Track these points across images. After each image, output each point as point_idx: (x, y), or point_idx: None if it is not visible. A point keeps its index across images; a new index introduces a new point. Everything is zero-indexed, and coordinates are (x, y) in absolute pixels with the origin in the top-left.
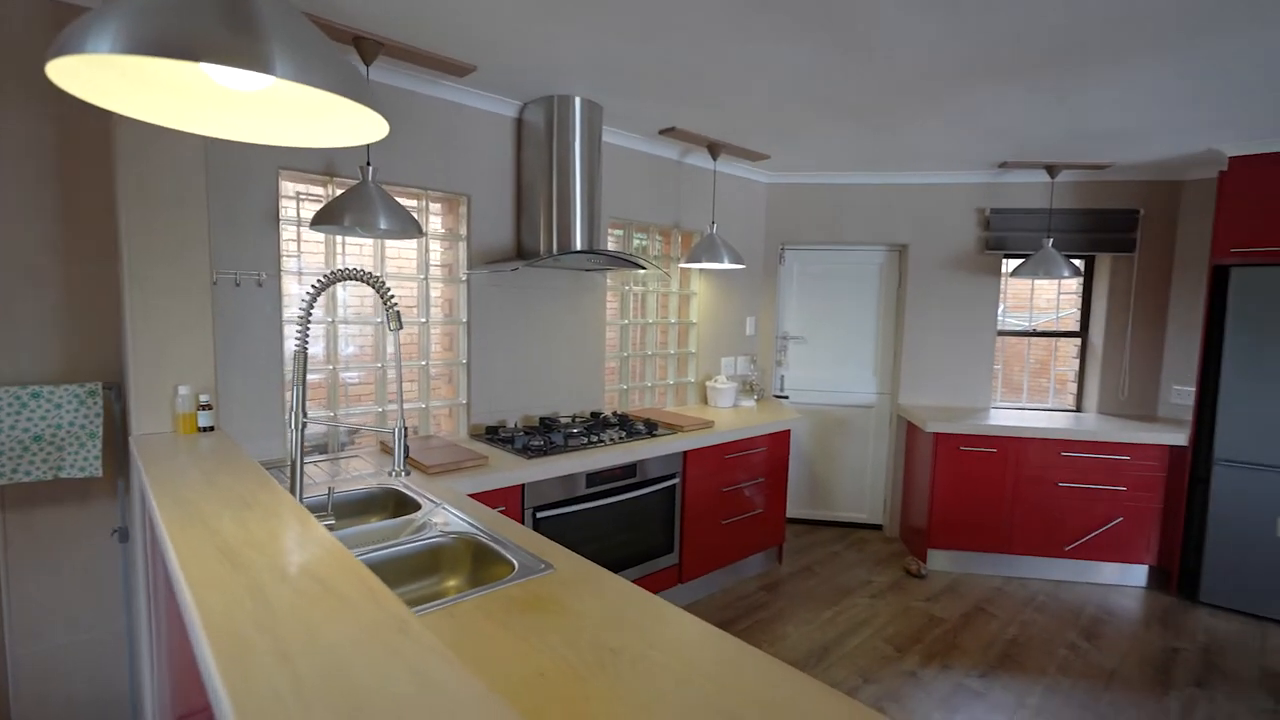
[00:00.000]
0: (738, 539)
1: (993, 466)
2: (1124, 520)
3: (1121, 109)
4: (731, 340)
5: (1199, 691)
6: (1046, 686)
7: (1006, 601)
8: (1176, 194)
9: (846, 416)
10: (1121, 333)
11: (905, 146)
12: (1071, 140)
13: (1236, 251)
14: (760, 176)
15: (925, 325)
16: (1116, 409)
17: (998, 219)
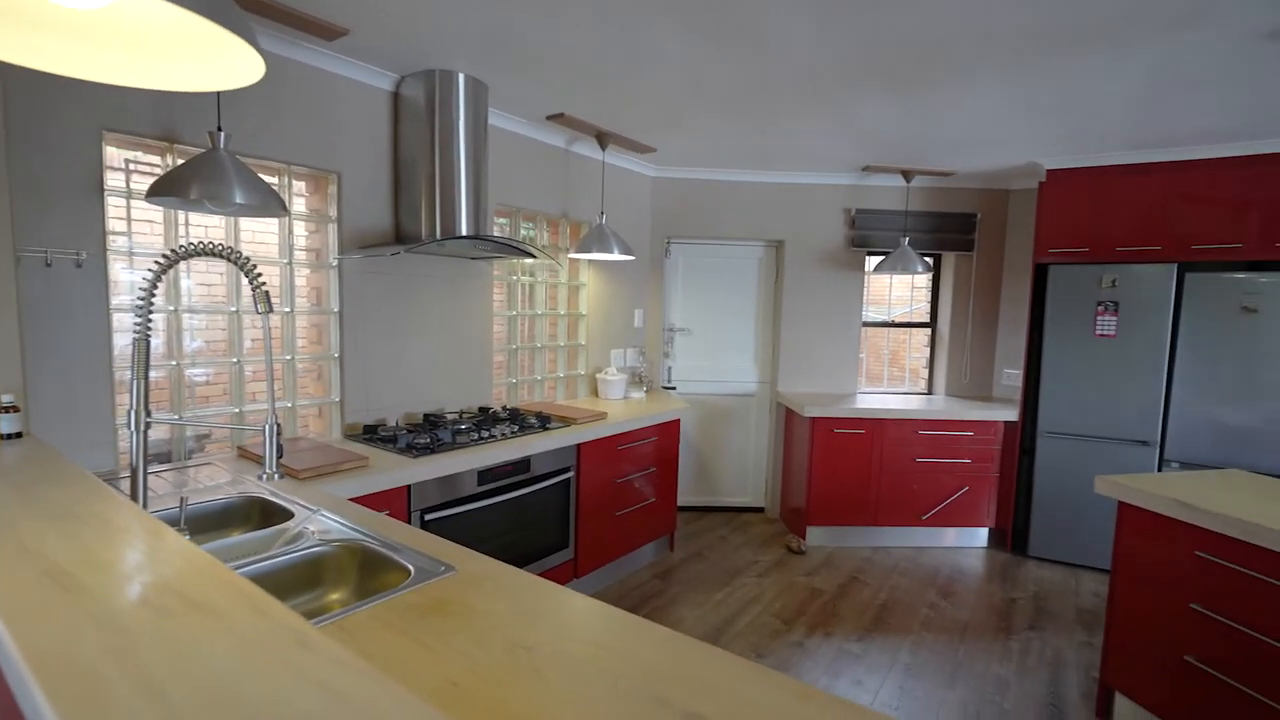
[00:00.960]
0: (632, 529)
1: (862, 446)
2: (969, 489)
3: (967, 120)
4: (621, 332)
5: (1033, 633)
6: (914, 643)
7: (876, 570)
8: (1006, 200)
9: (730, 405)
10: (964, 323)
11: (783, 146)
12: (925, 147)
13: (1054, 252)
14: (647, 170)
15: (800, 317)
16: (960, 391)
17: (862, 219)
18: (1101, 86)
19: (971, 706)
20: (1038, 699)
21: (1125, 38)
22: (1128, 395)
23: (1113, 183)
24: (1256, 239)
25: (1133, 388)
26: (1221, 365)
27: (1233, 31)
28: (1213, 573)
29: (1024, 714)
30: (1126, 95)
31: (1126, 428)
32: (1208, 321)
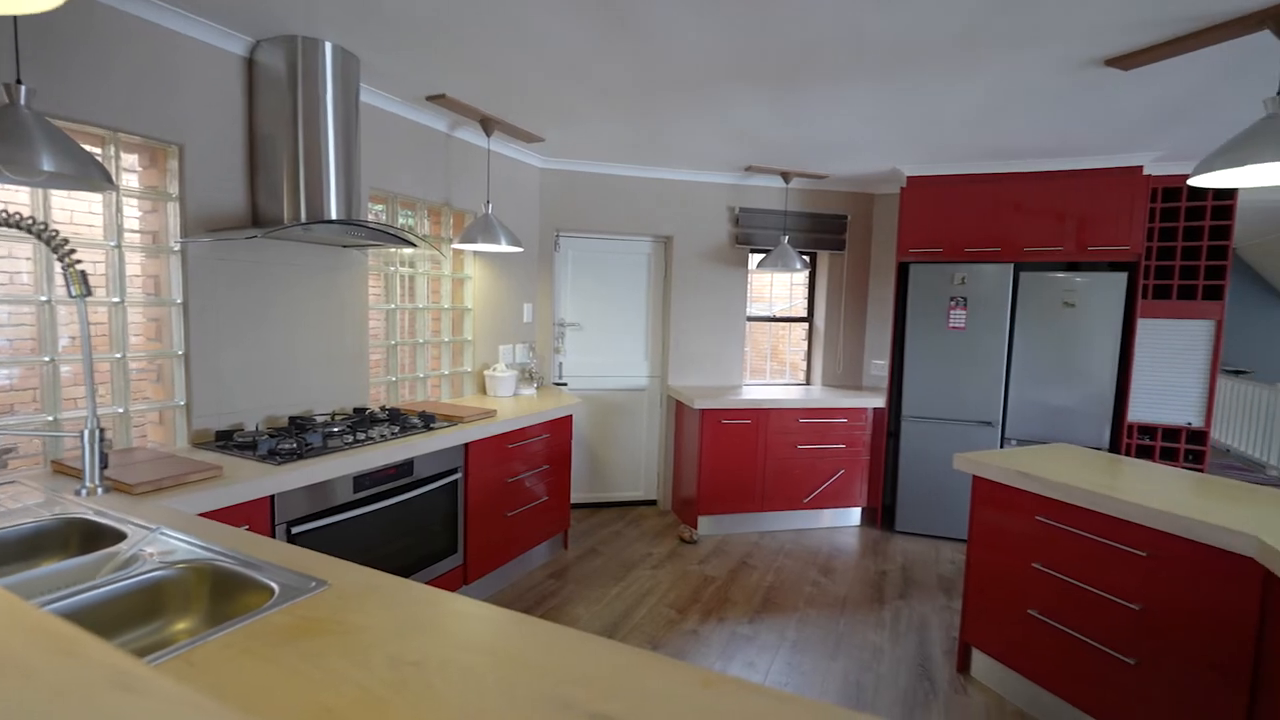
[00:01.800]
0: (524, 530)
1: (748, 436)
2: (845, 472)
3: (837, 126)
4: (509, 327)
5: (902, 601)
6: (799, 620)
7: (763, 554)
8: (872, 203)
9: (622, 400)
10: (837, 318)
11: (670, 143)
12: (801, 150)
13: (913, 252)
14: (535, 160)
15: (689, 312)
16: (835, 381)
17: (745, 217)
18: (952, 102)
19: (852, 675)
20: (908, 661)
21: (972, 56)
22: (975, 381)
23: (962, 190)
24: (1074, 243)
25: (979, 375)
26: (1047, 353)
27: (1058, 57)
28: (1049, 534)
29: (897, 676)
30: (972, 111)
31: (975, 410)
32: (1037, 315)
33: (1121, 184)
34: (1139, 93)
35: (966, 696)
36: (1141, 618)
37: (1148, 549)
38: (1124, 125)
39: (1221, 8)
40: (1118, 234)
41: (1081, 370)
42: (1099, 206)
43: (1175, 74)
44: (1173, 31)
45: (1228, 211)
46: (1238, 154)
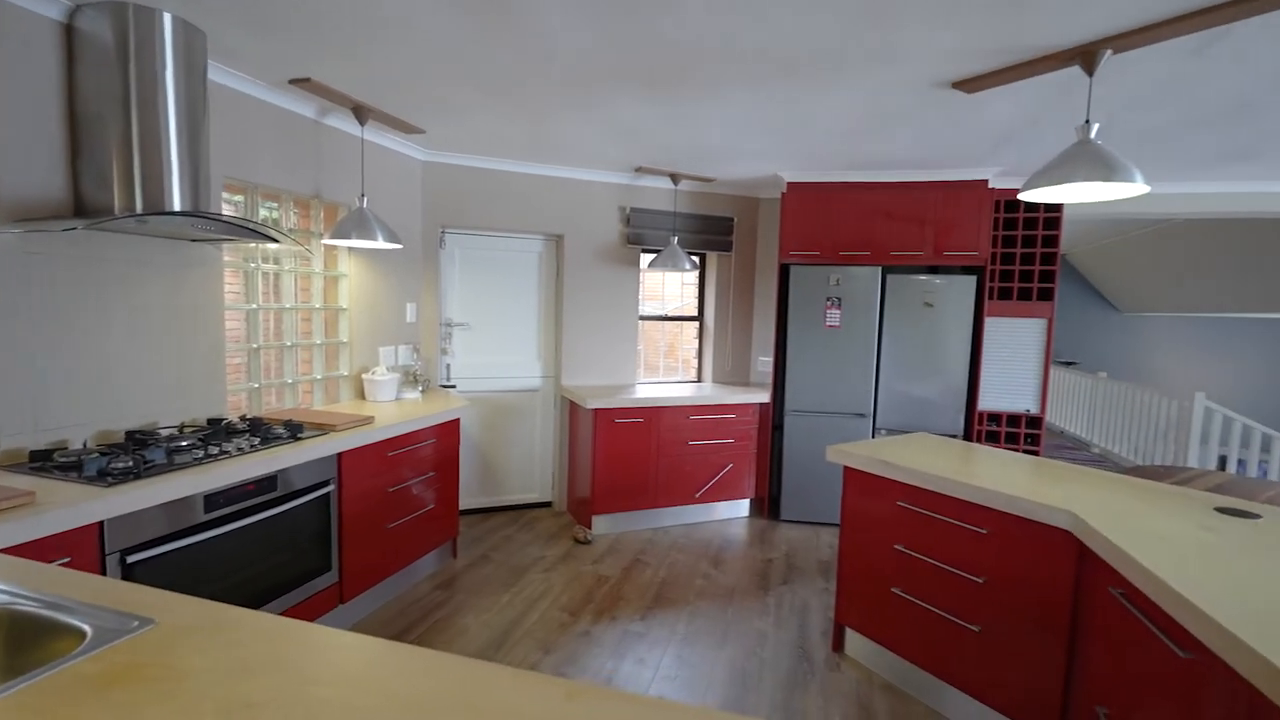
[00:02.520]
0: (408, 541)
1: (641, 435)
2: (734, 466)
3: (721, 131)
4: (391, 328)
5: (785, 587)
6: (690, 613)
7: (656, 550)
8: (757, 207)
9: (514, 401)
10: (726, 317)
11: (558, 140)
12: (687, 153)
13: (793, 254)
14: (416, 152)
15: (582, 311)
16: (724, 378)
17: (636, 217)
18: (824, 113)
19: (738, 662)
20: (790, 644)
21: (839, 72)
22: (850, 376)
23: (837, 196)
24: (933, 248)
25: (853, 370)
26: (911, 349)
27: (914, 78)
28: (908, 518)
29: (780, 659)
30: (842, 123)
31: (850, 403)
32: (902, 314)
33: (970, 196)
34: (981, 115)
35: (840, 673)
36: (984, 589)
37: (988, 527)
38: (971, 143)
39: (1042, 42)
40: (969, 241)
41: (940, 364)
42: (953, 215)
43: (1008, 100)
44: (1005, 60)
45: (1056, 223)
46: (1056, 173)
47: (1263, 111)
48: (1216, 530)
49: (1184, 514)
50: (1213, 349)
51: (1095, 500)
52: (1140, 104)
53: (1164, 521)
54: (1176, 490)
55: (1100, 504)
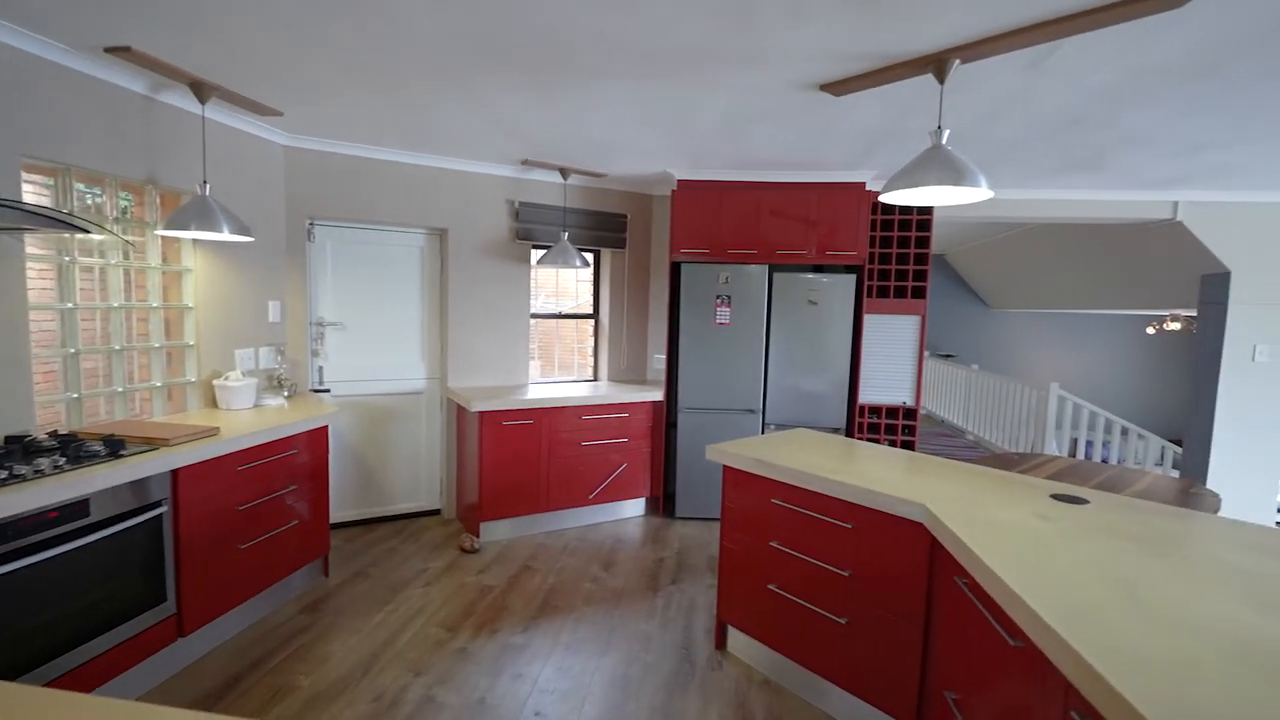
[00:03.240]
0: (267, 561)
1: (530, 437)
2: (628, 466)
3: (605, 126)
4: (249, 328)
5: (674, 586)
6: (576, 620)
7: (547, 555)
8: (650, 204)
9: (397, 405)
10: (621, 315)
11: (437, 129)
12: (574, 148)
13: (684, 251)
14: (276, 136)
15: (468, 309)
16: (620, 376)
17: (525, 211)
18: (704, 111)
19: (620, 668)
20: (674, 645)
21: (711, 70)
22: (740, 373)
23: (724, 195)
24: (816, 248)
25: (743, 367)
26: (798, 346)
27: (783, 79)
28: (782, 515)
29: (663, 662)
30: (722, 121)
31: (740, 400)
32: (788, 312)
33: (849, 198)
34: (852, 119)
35: (721, 672)
36: (850, 583)
37: (853, 522)
38: (846, 146)
39: (897, 49)
40: (849, 241)
41: (825, 360)
42: (834, 216)
43: (876, 106)
44: (866, 65)
45: (927, 225)
46: (910, 177)
47: (1093, 126)
48: (1049, 518)
49: (1023, 503)
50: (1068, 342)
51: (947, 492)
52: (990, 115)
53: (1003, 511)
54: (1021, 479)
55: (951, 496)
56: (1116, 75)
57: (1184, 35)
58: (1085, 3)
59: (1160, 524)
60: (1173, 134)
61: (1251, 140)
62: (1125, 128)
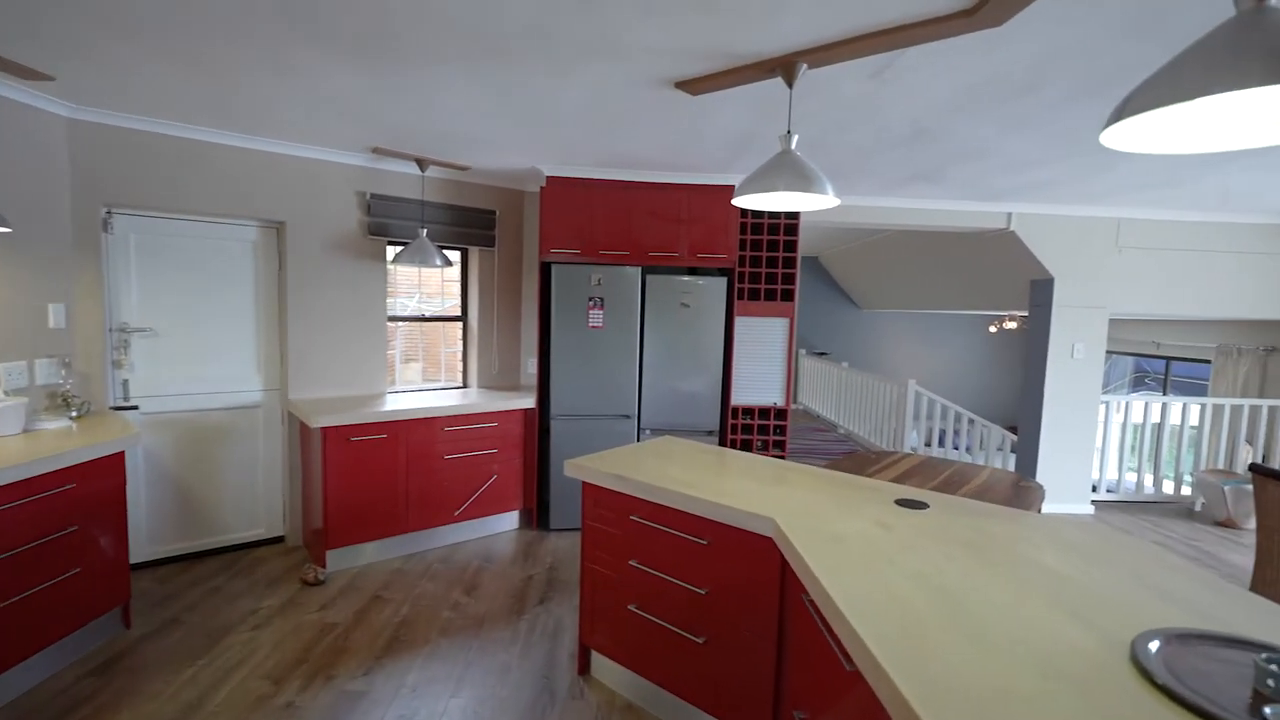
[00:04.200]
0: (35, 621)
1: (385, 452)
2: (498, 477)
3: (457, 114)
4: (21, 337)
5: (541, 607)
6: (428, 655)
7: (403, 581)
8: (521, 200)
9: (227, 421)
10: (490, 317)
11: (259, 107)
12: (429, 137)
13: (554, 251)
14: (56, 107)
15: (314, 312)
16: (491, 382)
17: (378, 205)
18: (560, 104)
19: (473, 707)
20: (535, 673)
21: (556, 58)
22: (615, 378)
23: (595, 194)
24: (687, 250)
25: (617, 371)
26: (671, 349)
27: (635, 73)
28: (641, 532)
29: (521, 694)
30: (581, 116)
31: (616, 405)
32: (662, 314)
33: (720, 200)
34: (714, 121)
35: (583, 700)
36: (707, 600)
37: (708, 538)
38: (712, 149)
39: (745, 49)
40: (719, 243)
41: (699, 364)
42: (705, 218)
43: (736, 108)
44: (717, 65)
45: (795, 229)
46: (762, 182)
47: (935, 138)
48: (890, 526)
49: (868, 510)
50: (926, 340)
51: (798, 504)
52: (842, 124)
53: (848, 521)
54: (871, 485)
55: (801, 507)
56: (950, 91)
57: (1006, 54)
58: (914, 15)
59: (990, 527)
60: (1002, 150)
61: (1068, 157)
62: (961, 142)
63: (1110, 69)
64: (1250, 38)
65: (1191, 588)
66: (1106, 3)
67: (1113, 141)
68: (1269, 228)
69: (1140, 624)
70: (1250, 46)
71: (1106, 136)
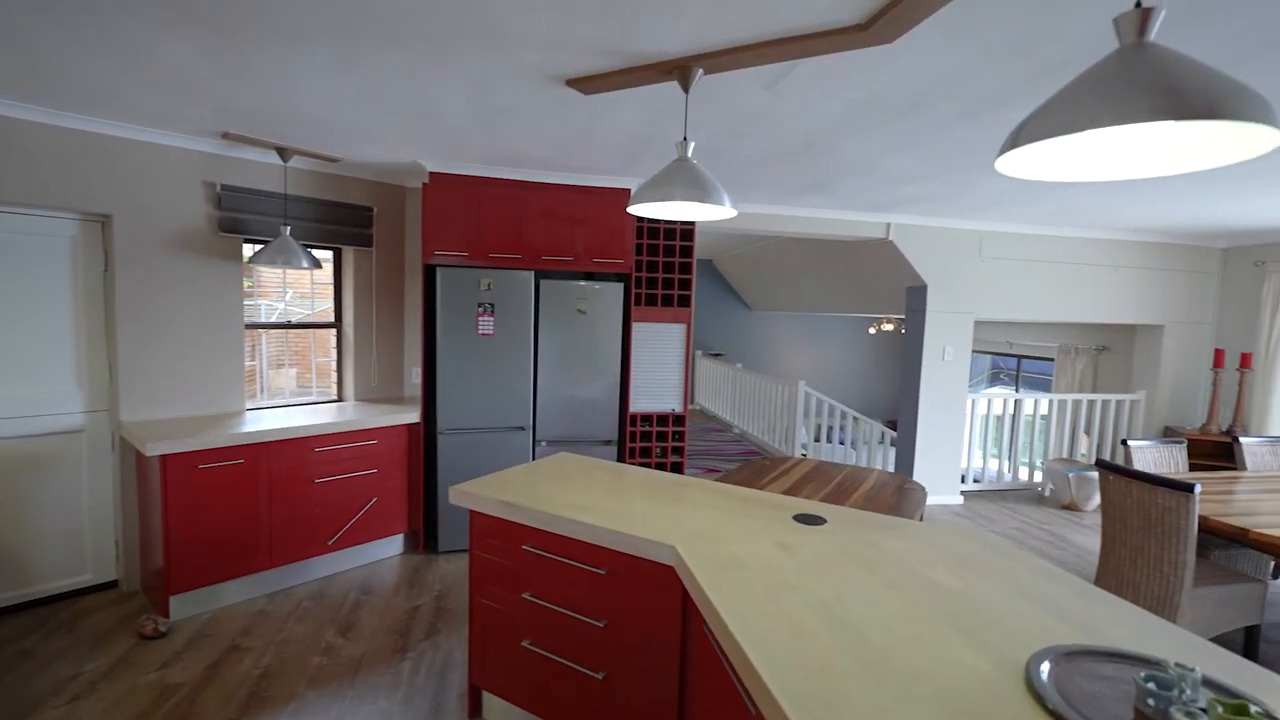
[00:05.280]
0: None
1: (241, 480)
2: (379, 500)
3: (323, 100)
4: None
5: (428, 642)
6: (293, 714)
7: (267, 625)
8: (403, 197)
9: (39, 449)
10: (369, 323)
11: (71, 78)
12: (293, 124)
13: (439, 253)
14: None
15: (152, 319)
16: (371, 395)
17: (231, 198)
18: (442, 95)
19: None
20: (419, 718)
21: (435, 43)
22: (507, 388)
23: (484, 192)
24: (583, 255)
25: (511, 381)
26: (568, 357)
27: (524, 66)
28: (535, 563)
29: None
30: (466, 109)
31: (509, 417)
32: (557, 321)
33: (616, 204)
34: (608, 122)
35: None
36: (606, 634)
37: (606, 567)
38: (607, 151)
39: (640, 49)
40: (615, 248)
41: (596, 371)
42: (601, 222)
43: (631, 110)
44: (612, 64)
45: (690, 234)
46: (658, 190)
47: (825, 150)
48: (790, 547)
49: (768, 529)
50: (814, 341)
51: (697, 526)
52: (738, 134)
53: (748, 544)
54: (769, 500)
55: (701, 530)
56: (840, 105)
57: (893, 74)
58: (809, 26)
59: (885, 542)
60: (886, 165)
61: (942, 174)
62: (850, 156)
63: (985, 93)
64: (1135, 72)
65: (1070, 598)
66: (982, 30)
67: (1007, 168)
68: (1102, 242)
69: (1030, 641)
70: (1135, 81)
71: (1001, 163)
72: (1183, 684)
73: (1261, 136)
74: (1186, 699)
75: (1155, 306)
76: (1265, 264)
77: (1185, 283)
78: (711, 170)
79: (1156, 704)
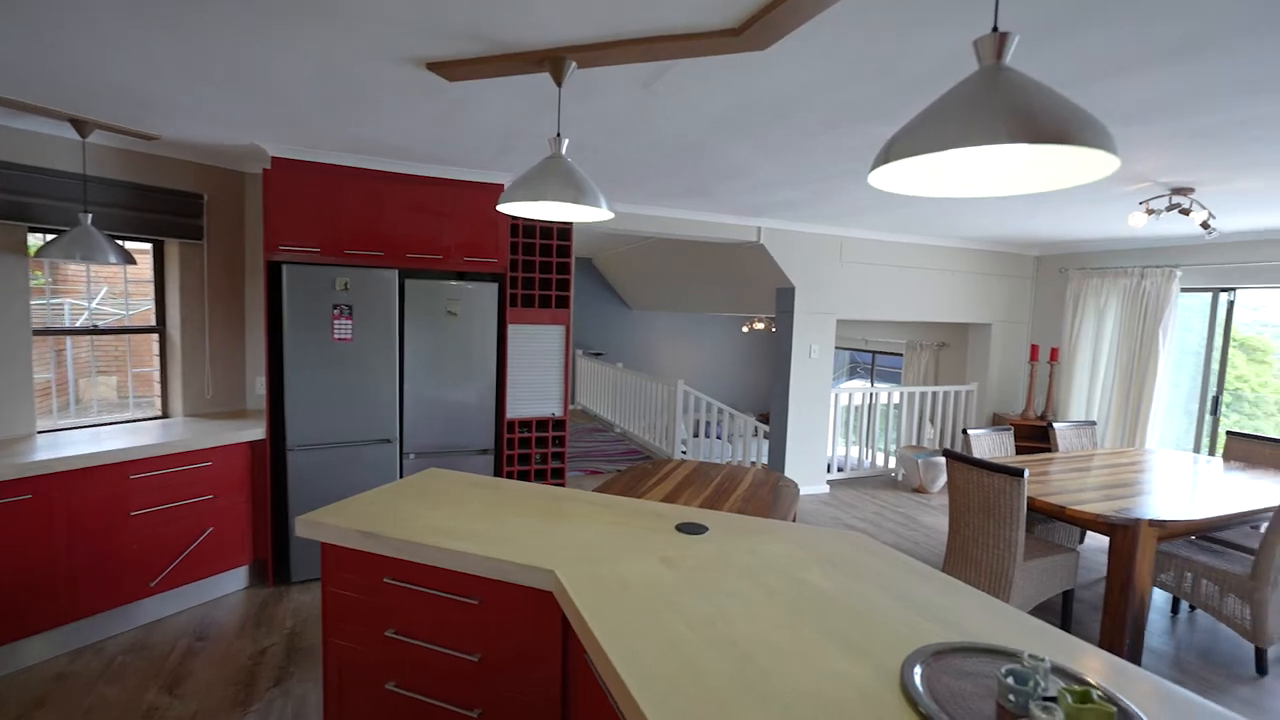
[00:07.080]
0: None
1: (31, 519)
2: (216, 529)
3: (134, 68)
4: None
5: (279, 689)
6: None
7: (71, 689)
8: (242, 184)
9: None
10: (200, 327)
11: None
12: (89, 91)
13: (285, 249)
14: None
15: None
16: (204, 409)
17: (11, 178)
18: (278, 69)
19: None
20: None
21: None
22: (370, 397)
23: (339, 182)
24: (454, 253)
25: (373, 390)
26: (439, 362)
27: (376, 44)
28: (399, 596)
29: None
30: (310, 87)
31: (372, 429)
32: (425, 324)
33: (488, 200)
34: (476, 112)
35: None
36: (480, 668)
37: (480, 596)
38: (475, 143)
39: (508, 36)
40: (488, 247)
41: (469, 377)
42: (472, 219)
43: (502, 101)
44: (479, 49)
45: (568, 234)
46: (531, 189)
47: (706, 153)
48: (674, 561)
49: (651, 542)
50: (691, 339)
51: (577, 545)
52: (615, 131)
53: (631, 561)
54: (651, 510)
55: (580, 549)
56: (716, 109)
57: (765, 81)
58: (680, 26)
59: (763, 547)
60: (757, 170)
61: (808, 182)
62: (723, 160)
63: (847, 105)
64: (994, 96)
65: (933, 594)
66: (848, 44)
67: (880, 183)
68: (940, 249)
69: (902, 643)
70: (995, 105)
71: (874, 178)
72: (1036, 676)
73: (1101, 162)
74: (1041, 690)
75: (984, 307)
76: (1068, 271)
77: (1008, 286)
78: (588, 169)
79: (1016, 699)
